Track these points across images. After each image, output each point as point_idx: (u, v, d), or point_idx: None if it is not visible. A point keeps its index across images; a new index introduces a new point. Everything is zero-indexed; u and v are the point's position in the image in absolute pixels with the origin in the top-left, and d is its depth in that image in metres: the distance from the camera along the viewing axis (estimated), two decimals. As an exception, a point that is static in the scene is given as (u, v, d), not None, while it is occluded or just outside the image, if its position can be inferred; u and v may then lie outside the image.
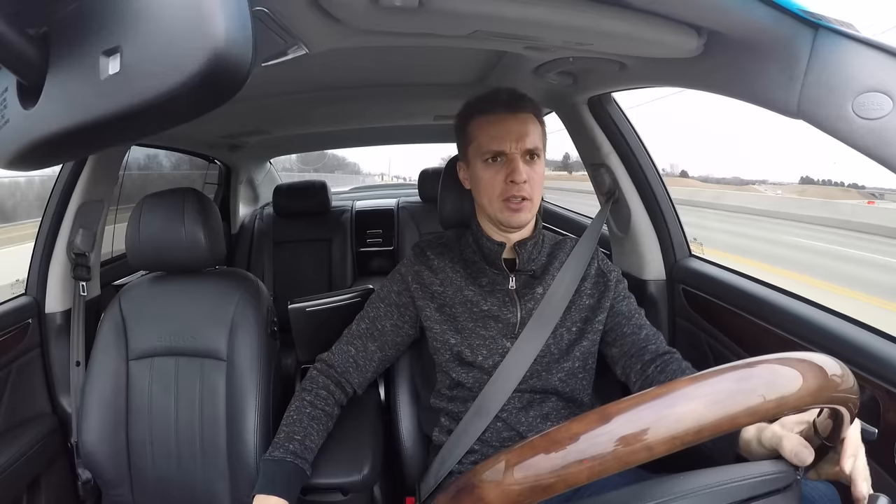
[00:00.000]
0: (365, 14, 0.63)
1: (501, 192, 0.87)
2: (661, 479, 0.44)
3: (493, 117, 0.88)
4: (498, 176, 0.87)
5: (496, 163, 0.87)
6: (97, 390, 1.07)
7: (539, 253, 0.95)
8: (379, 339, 0.97)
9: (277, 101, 1.49)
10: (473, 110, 0.91)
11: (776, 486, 0.43)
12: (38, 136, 0.32)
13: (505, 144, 0.86)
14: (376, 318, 0.98)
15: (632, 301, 0.96)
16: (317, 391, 0.94)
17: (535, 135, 0.88)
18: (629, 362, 0.90)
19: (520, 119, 0.87)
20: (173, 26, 0.26)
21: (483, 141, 0.88)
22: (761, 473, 0.44)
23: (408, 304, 0.96)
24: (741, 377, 0.35)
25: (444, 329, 0.91)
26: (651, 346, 0.89)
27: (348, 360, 0.97)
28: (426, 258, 0.96)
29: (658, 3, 0.62)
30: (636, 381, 0.88)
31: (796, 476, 0.45)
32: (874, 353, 0.76)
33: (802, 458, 0.45)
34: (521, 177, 0.85)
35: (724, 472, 0.44)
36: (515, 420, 0.89)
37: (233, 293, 1.12)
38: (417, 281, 0.94)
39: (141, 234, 1.09)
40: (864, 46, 0.55)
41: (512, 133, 0.86)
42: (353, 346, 0.98)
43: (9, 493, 1.03)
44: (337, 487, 1.00)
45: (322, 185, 2.36)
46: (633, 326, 0.92)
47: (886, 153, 0.54)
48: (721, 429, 0.34)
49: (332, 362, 0.97)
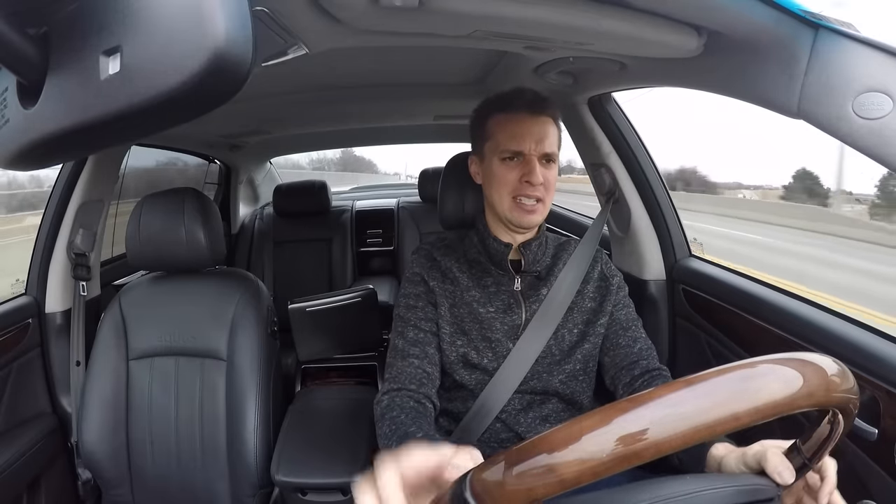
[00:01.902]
0: (365, 14, 0.63)
1: (514, 189, 0.86)
2: (642, 483, 0.44)
3: (514, 116, 0.87)
4: (512, 174, 0.86)
5: (513, 161, 0.87)
6: (97, 390, 1.07)
7: (543, 254, 0.95)
8: (434, 340, 0.91)
9: (277, 101, 1.49)
10: (494, 107, 0.91)
11: (759, 497, 0.43)
12: (38, 136, 0.32)
13: (524, 145, 0.86)
14: (419, 321, 0.92)
15: (630, 311, 0.96)
16: (402, 406, 0.83)
17: (554, 139, 0.88)
18: (618, 374, 0.90)
19: (540, 121, 0.87)
20: (173, 26, 0.26)
21: (502, 139, 0.87)
22: (747, 484, 0.45)
23: (432, 301, 0.93)
24: (741, 377, 0.35)
25: (453, 331, 0.91)
26: (643, 362, 0.89)
27: (418, 373, 0.87)
28: (434, 260, 0.96)
29: (658, 3, 0.62)
30: (623, 394, 0.88)
31: (777, 492, 0.46)
32: (874, 353, 0.76)
33: (784, 477, 0.46)
34: (537, 179, 0.85)
35: (708, 480, 0.44)
36: (514, 421, 0.89)
37: (233, 293, 1.12)
38: (434, 279, 0.93)
39: (141, 233, 1.09)
40: (864, 46, 0.55)
41: (532, 134, 0.86)
42: (413, 358, 0.88)
43: (9, 493, 1.03)
44: (337, 487, 1.00)
45: (322, 185, 2.36)
46: (629, 339, 0.92)
47: (886, 153, 0.54)
48: (721, 429, 0.34)
49: (402, 384, 0.86)
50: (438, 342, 0.91)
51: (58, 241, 1.23)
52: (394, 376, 0.88)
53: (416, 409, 0.82)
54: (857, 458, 0.75)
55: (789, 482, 0.46)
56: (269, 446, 1.07)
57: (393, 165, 18.83)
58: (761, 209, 11.86)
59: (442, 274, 0.94)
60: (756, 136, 27.44)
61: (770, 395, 0.35)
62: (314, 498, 1.02)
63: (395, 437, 0.75)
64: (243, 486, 1.05)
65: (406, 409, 0.82)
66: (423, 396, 0.86)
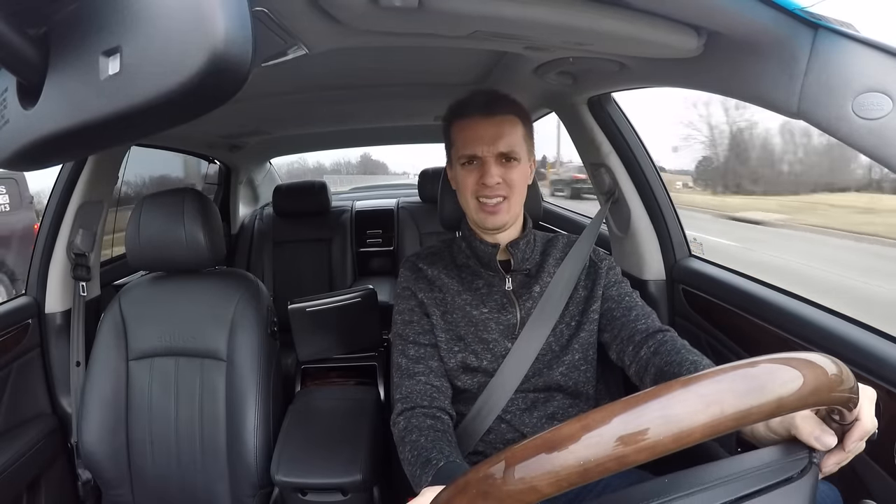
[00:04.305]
0: (365, 14, 0.63)
1: (473, 191, 0.88)
2: (672, 476, 0.43)
3: (468, 121, 0.88)
4: (471, 178, 0.88)
5: (471, 165, 0.88)
6: (97, 390, 1.07)
7: (532, 252, 0.95)
8: (435, 352, 0.91)
9: (277, 101, 1.49)
10: (453, 114, 0.92)
11: (792, 472, 0.42)
12: (38, 136, 0.32)
13: (477, 148, 0.86)
14: (417, 335, 0.92)
15: (623, 285, 0.95)
16: (419, 427, 0.82)
17: (512, 137, 0.87)
18: (622, 346, 0.88)
19: (495, 122, 0.87)
20: (173, 26, 0.26)
21: (459, 144, 0.89)
22: (775, 460, 0.43)
23: (425, 312, 0.94)
24: (741, 377, 0.35)
25: (449, 338, 0.91)
26: (641, 326, 0.87)
27: (427, 389, 0.88)
28: (419, 270, 0.96)
29: (658, 3, 0.62)
30: (630, 365, 0.86)
31: (811, 459, 0.44)
32: (874, 353, 0.76)
33: (824, 441, 0.44)
34: (491, 179, 0.85)
35: (738, 462, 0.43)
36: (519, 421, 0.89)
37: (233, 293, 1.12)
38: (422, 290, 0.94)
39: (141, 234, 1.09)
40: (864, 46, 0.55)
41: (485, 137, 0.86)
42: (420, 375, 0.89)
43: (9, 493, 1.03)
44: (337, 487, 1.00)
45: (322, 185, 2.36)
46: (623, 309, 0.91)
47: (886, 153, 0.54)
48: (721, 429, 0.34)
49: (415, 402, 0.86)
50: (439, 352, 0.91)
51: (57, 242, 1.23)
52: (405, 396, 0.88)
53: (433, 428, 0.82)
54: (857, 458, 0.75)
55: (832, 445, 0.45)
56: (269, 446, 1.07)
57: (402, 165, 18.98)
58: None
59: (429, 283, 0.94)
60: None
61: (770, 394, 0.35)
62: (314, 498, 1.02)
63: (419, 465, 0.76)
64: (243, 486, 1.05)
65: (424, 429, 0.81)
66: (437, 410, 0.85)
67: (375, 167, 18.55)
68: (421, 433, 0.81)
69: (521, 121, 0.90)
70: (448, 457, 0.75)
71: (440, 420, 0.84)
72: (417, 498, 0.55)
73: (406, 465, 0.80)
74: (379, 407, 1.19)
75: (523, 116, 0.91)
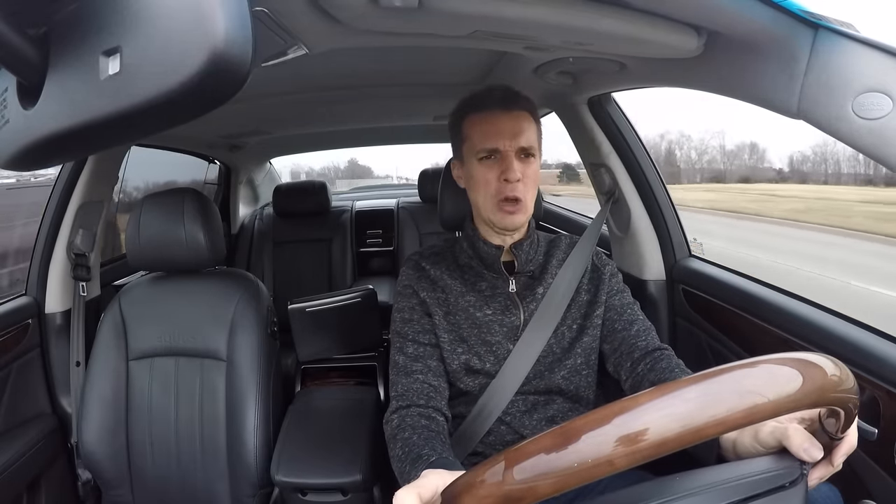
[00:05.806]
0: (365, 14, 0.63)
1: (496, 191, 0.86)
2: (664, 479, 0.44)
3: (487, 114, 0.87)
4: (491, 173, 0.86)
5: (490, 160, 0.86)
6: (97, 390, 1.07)
7: (536, 253, 0.94)
8: (435, 352, 0.90)
9: (277, 101, 1.49)
10: (467, 108, 0.90)
11: (783, 482, 0.42)
12: (38, 136, 0.32)
13: (499, 142, 0.85)
14: (417, 334, 0.91)
15: (625, 295, 0.95)
16: (413, 426, 0.81)
17: (530, 133, 0.87)
18: (620, 360, 0.89)
19: (514, 116, 0.86)
20: (173, 26, 0.26)
21: (477, 139, 0.87)
22: (767, 469, 0.43)
23: (427, 312, 0.92)
24: (740, 377, 0.35)
25: (452, 339, 0.90)
26: (641, 343, 0.88)
27: (424, 388, 0.86)
28: (422, 269, 0.94)
29: (658, 3, 0.62)
30: (626, 379, 0.87)
31: (802, 471, 0.44)
32: (874, 353, 0.76)
33: (812, 454, 0.44)
34: (514, 175, 0.84)
35: (729, 469, 0.43)
36: (520, 423, 0.89)
37: (233, 293, 1.12)
38: (424, 290, 0.92)
39: (141, 234, 1.09)
40: (864, 46, 0.55)
41: (506, 130, 0.85)
42: (418, 374, 0.87)
43: (9, 493, 1.03)
44: (337, 487, 1.00)
45: (322, 185, 2.36)
46: (625, 322, 0.91)
47: (886, 153, 0.54)
48: (724, 428, 0.34)
49: (411, 401, 0.85)
50: (440, 353, 0.90)
51: (57, 242, 1.23)
52: (400, 394, 0.86)
53: (427, 427, 0.80)
54: (857, 458, 0.75)
55: (819, 458, 0.45)
56: (269, 446, 1.07)
57: (385, 168, 19.09)
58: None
59: (431, 283, 0.93)
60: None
61: (770, 394, 0.35)
62: (314, 498, 1.02)
63: (409, 461, 0.74)
64: (243, 486, 1.05)
65: (417, 428, 0.80)
66: (433, 411, 0.84)
67: (362, 171, 18.89)
68: (414, 431, 0.79)
69: (534, 119, 0.90)
70: (441, 454, 0.73)
71: (435, 421, 0.83)
72: (419, 479, 0.48)
73: (395, 462, 0.77)
74: (379, 407, 1.19)
75: (536, 115, 0.91)
